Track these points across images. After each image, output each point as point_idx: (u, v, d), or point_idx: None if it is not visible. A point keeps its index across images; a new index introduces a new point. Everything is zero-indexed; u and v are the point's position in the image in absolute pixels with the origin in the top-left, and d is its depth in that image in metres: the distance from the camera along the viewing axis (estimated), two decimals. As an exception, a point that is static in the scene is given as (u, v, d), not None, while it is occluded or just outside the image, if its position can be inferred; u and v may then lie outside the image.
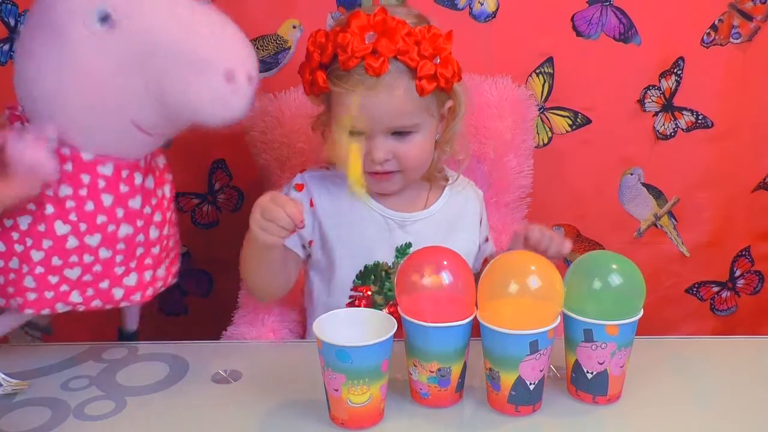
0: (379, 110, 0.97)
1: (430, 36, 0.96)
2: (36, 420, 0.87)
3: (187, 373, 0.97)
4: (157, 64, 0.82)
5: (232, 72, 0.83)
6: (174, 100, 0.84)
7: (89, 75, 0.83)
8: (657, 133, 1.44)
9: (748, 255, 1.54)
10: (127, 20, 0.81)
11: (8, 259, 0.87)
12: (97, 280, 0.91)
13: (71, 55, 0.82)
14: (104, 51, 0.82)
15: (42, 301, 0.89)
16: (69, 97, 0.84)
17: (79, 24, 0.81)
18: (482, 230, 1.15)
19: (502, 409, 0.87)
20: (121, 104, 0.84)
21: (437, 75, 0.96)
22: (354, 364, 0.81)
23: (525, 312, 0.83)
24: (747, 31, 1.38)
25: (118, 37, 0.82)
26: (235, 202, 1.47)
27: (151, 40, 0.82)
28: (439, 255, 0.89)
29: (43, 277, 0.88)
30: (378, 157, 0.99)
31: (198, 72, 0.82)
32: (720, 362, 0.99)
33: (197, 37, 0.83)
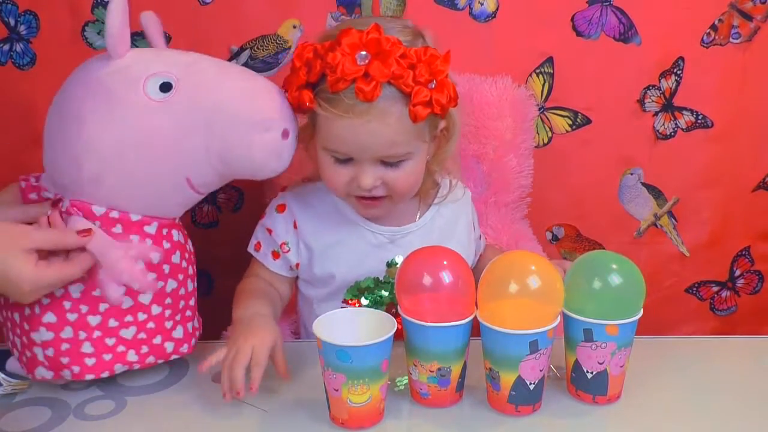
0: (369, 139, 0.91)
1: (427, 58, 0.89)
2: (36, 420, 0.87)
3: (187, 373, 0.97)
4: (220, 126, 0.87)
5: (288, 130, 0.90)
6: (236, 157, 0.89)
7: (151, 140, 0.86)
8: (657, 133, 1.44)
9: (748, 255, 1.54)
10: (187, 87, 0.87)
11: (60, 330, 0.87)
12: (151, 336, 0.93)
13: (132, 121, 0.86)
14: (166, 117, 0.86)
15: (101, 365, 0.90)
16: (128, 162, 0.86)
17: (140, 92, 0.86)
18: (475, 233, 1.14)
19: (502, 408, 0.87)
20: (180, 165, 0.88)
21: (432, 101, 0.90)
22: (354, 364, 0.81)
23: (525, 312, 0.83)
24: (747, 31, 1.38)
25: (179, 102, 0.86)
26: (235, 202, 1.46)
27: (212, 105, 0.87)
28: (439, 255, 0.89)
29: (100, 341, 0.89)
30: (366, 184, 0.94)
31: (262, 131, 0.88)
32: (720, 362, 0.99)
33: (259, 99, 0.90)
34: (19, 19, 1.33)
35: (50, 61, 1.33)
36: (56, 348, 0.88)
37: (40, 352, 0.88)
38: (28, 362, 0.89)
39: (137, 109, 0.85)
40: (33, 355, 0.88)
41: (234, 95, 0.88)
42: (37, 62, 1.34)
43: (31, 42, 1.34)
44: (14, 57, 1.35)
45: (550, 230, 1.50)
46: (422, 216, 1.07)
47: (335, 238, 1.03)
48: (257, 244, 1.08)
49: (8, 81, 1.34)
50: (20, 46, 1.34)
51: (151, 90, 0.86)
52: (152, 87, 0.86)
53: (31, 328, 0.87)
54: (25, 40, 1.34)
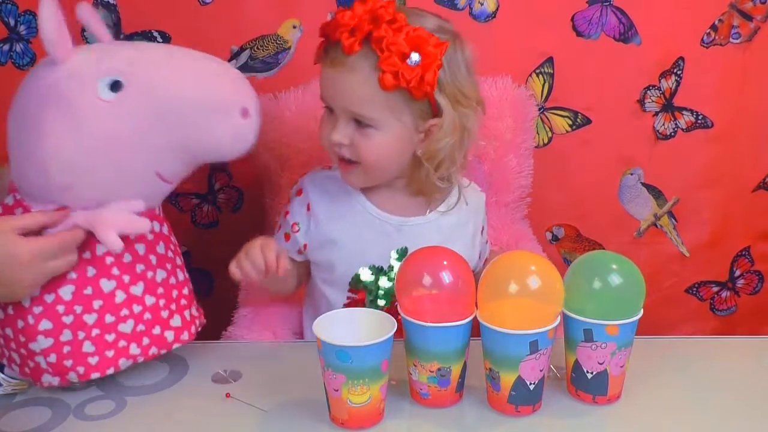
0: (339, 89, 0.95)
1: (415, 34, 0.91)
2: (36, 420, 0.87)
3: (187, 373, 0.97)
4: (177, 116, 0.87)
5: (246, 109, 0.90)
6: (199, 144, 0.89)
7: (113, 143, 0.86)
8: (657, 133, 1.44)
9: (748, 255, 1.55)
10: (137, 82, 0.86)
11: (58, 334, 0.87)
12: (150, 327, 0.93)
13: (91, 125, 0.85)
14: (122, 117, 0.86)
15: (105, 362, 0.90)
16: (95, 165, 0.86)
17: (91, 95, 0.85)
18: (483, 237, 1.14)
19: (502, 409, 0.87)
20: (146, 161, 0.89)
21: (400, 74, 0.90)
22: (354, 364, 0.81)
23: (525, 312, 0.83)
24: (747, 31, 1.38)
25: (132, 100, 0.86)
26: (235, 202, 1.47)
27: (165, 96, 0.87)
28: (439, 255, 0.89)
29: (100, 339, 0.89)
30: (335, 138, 0.97)
31: (220, 114, 0.88)
32: (720, 362, 0.99)
33: (211, 83, 0.90)
34: (19, 19, 1.33)
35: (50, 61, 1.33)
36: (58, 353, 0.87)
37: (43, 360, 0.88)
38: (32, 372, 0.89)
39: (93, 114, 0.85)
40: (36, 364, 0.88)
41: (185, 84, 0.88)
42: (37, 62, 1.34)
43: (31, 42, 1.34)
44: (14, 57, 1.35)
45: (550, 230, 1.50)
46: (432, 212, 1.07)
47: (344, 223, 1.05)
48: (278, 226, 1.11)
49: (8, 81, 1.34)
50: (20, 46, 1.34)
51: (102, 91, 0.85)
52: (102, 88, 0.85)
53: (29, 339, 0.87)
54: (25, 40, 1.34)
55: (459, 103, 0.96)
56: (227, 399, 0.90)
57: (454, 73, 0.96)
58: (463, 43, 0.99)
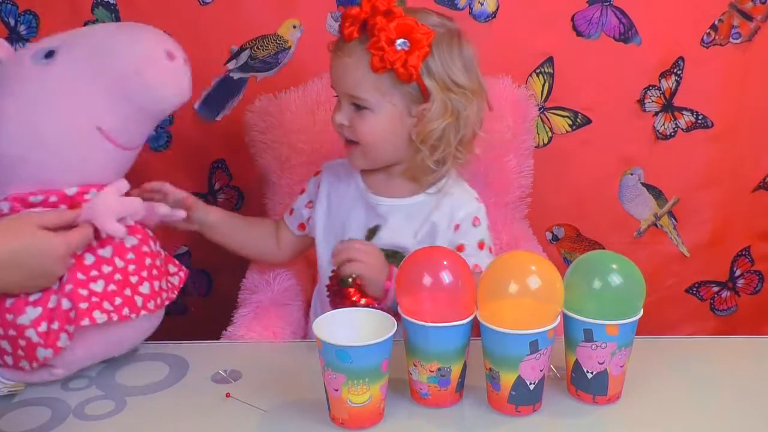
0: (339, 73, 1.03)
1: (407, 23, 0.97)
2: (36, 420, 0.87)
3: (187, 373, 0.97)
4: (107, 63, 0.93)
5: (171, 52, 0.96)
6: (134, 89, 0.94)
7: (50, 99, 0.93)
8: (657, 133, 1.44)
9: (748, 255, 1.55)
10: (68, 46, 0.95)
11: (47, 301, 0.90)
12: (121, 288, 0.94)
13: (28, 90, 0.93)
14: (57, 73, 0.93)
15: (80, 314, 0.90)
16: (38, 127, 0.92)
17: (27, 64, 0.94)
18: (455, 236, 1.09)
19: (502, 408, 0.87)
20: (85, 114, 0.93)
21: (385, 57, 0.97)
22: (354, 364, 0.81)
23: (525, 312, 0.83)
24: (747, 31, 1.38)
25: (65, 59, 0.94)
26: (235, 202, 1.47)
27: (94, 49, 0.94)
28: (439, 255, 0.89)
29: (74, 293, 0.90)
30: (336, 117, 1.05)
31: (146, 56, 0.94)
32: (720, 362, 0.99)
33: (134, 31, 0.98)
34: (19, 19, 1.34)
35: (50, 61, 1.33)
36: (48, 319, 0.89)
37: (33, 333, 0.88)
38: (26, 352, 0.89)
39: (29, 79, 0.93)
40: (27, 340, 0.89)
41: (110, 34, 0.97)
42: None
43: (31, 42, 1.34)
44: (14, 57, 1.35)
45: (550, 230, 1.50)
46: (409, 197, 1.09)
47: (340, 198, 1.13)
48: (291, 210, 1.19)
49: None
50: (20, 46, 1.34)
51: (37, 60, 0.94)
52: (38, 59, 0.94)
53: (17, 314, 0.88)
54: (25, 40, 1.34)
55: (449, 89, 1.01)
56: (227, 399, 0.90)
57: (444, 61, 1.01)
58: (462, 39, 1.04)
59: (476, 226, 1.10)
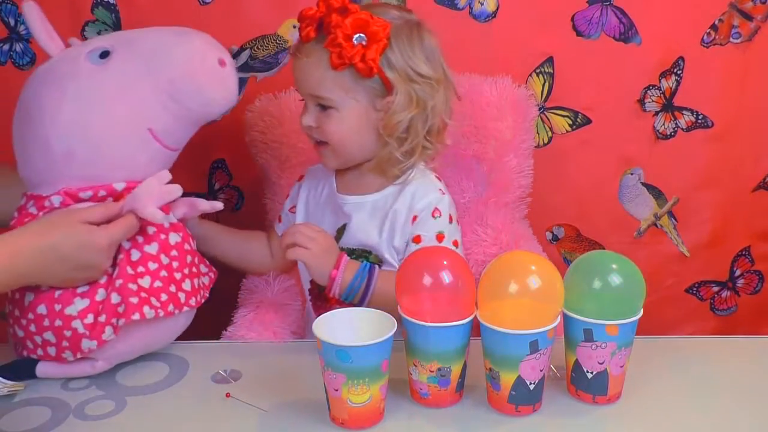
0: (301, 74, 1.04)
1: (361, 18, 0.98)
2: (36, 420, 0.87)
3: (187, 373, 0.97)
4: (160, 66, 0.96)
5: (222, 59, 0.99)
6: (185, 92, 0.97)
7: (105, 99, 0.95)
8: (657, 133, 1.44)
9: (748, 255, 1.54)
10: (122, 48, 0.98)
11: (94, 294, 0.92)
12: (166, 284, 0.96)
13: (83, 88, 0.95)
14: (112, 74, 0.96)
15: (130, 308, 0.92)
16: (90, 122, 0.94)
17: (83, 63, 0.96)
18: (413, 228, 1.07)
19: (502, 408, 0.87)
20: (137, 115, 0.96)
21: (343, 54, 0.97)
22: (354, 364, 0.81)
23: (525, 312, 0.83)
24: (747, 30, 1.38)
25: (119, 60, 0.96)
26: (235, 202, 1.47)
27: (148, 52, 0.97)
28: (439, 255, 0.89)
29: (124, 287, 0.92)
30: (303, 120, 1.05)
31: (199, 61, 0.97)
32: (720, 362, 0.99)
33: (188, 36, 1.00)
34: (19, 19, 1.33)
35: (50, 61, 1.33)
36: (94, 312, 0.91)
37: (80, 324, 0.90)
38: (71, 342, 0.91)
39: (85, 77, 0.95)
40: (73, 331, 0.90)
41: (165, 38, 0.99)
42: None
43: (31, 42, 1.34)
44: (14, 57, 1.35)
45: (550, 230, 1.50)
46: (372, 193, 1.10)
47: (314, 201, 1.16)
48: (279, 217, 1.22)
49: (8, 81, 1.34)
50: (20, 46, 1.34)
51: (94, 60, 0.96)
52: (94, 58, 0.96)
53: (65, 304, 0.90)
54: (24, 40, 1.34)
55: (412, 80, 1.02)
56: (227, 399, 0.90)
57: (404, 52, 1.01)
58: (423, 30, 1.05)
59: (435, 218, 1.07)
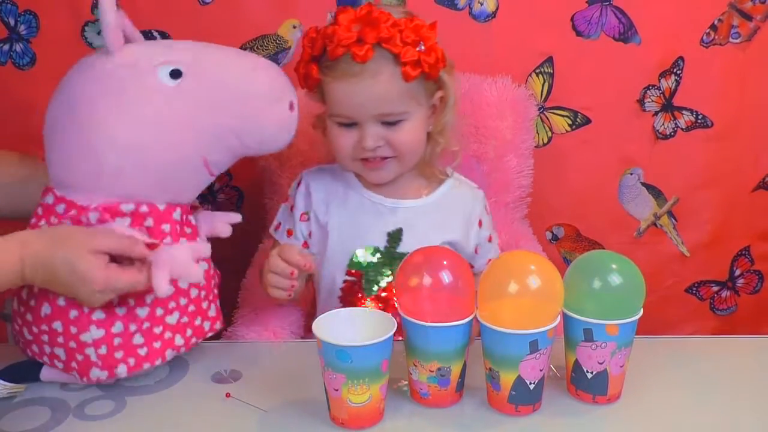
0: (365, 97, 0.98)
1: (413, 25, 0.98)
2: (36, 420, 0.87)
3: (187, 373, 0.97)
4: (231, 102, 0.92)
5: (292, 103, 0.96)
6: (249, 131, 0.94)
7: (168, 125, 0.90)
8: (657, 133, 1.44)
9: (748, 254, 1.55)
10: (195, 71, 0.91)
11: (111, 325, 0.89)
12: (193, 318, 0.96)
13: (148, 110, 0.89)
14: (180, 101, 0.90)
15: (153, 353, 0.91)
16: (148, 151, 0.89)
17: (153, 81, 0.90)
18: (481, 231, 1.14)
19: (502, 408, 0.87)
20: (197, 146, 0.92)
21: (421, 61, 0.97)
22: (354, 364, 0.81)
23: (525, 311, 0.83)
24: (746, 30, 1.38)
25: (190, 85, 0.91)
26: (235, 202, 1.47)
27: (221, 84, 0.92)
28: (439, 255, 0.89)
29: (149, 331, 0.91)
30: (369, 144, 1.00)
31: (271, 103, 0.94)
32: (720, 361, 0.99)
33: (264, 75, 0.96)
34: (19, 19, 1.34)
35: (50, 61, 1.33)
36: (109, 344, 0.88)
37: (93, 352, 0.88)
38: (80, 367, 0.89)
39: (152, 98, 0.89)
40: (85, 357, 0.88)
41: (241, 72, 0.94)
42: (37, 62, 1.35)
43: (31, 42, 1.34)
44: (14, 57, 1.35)
45: (550, 230, 1.50)
46: (428, 195, 1.10)
47: (340, 207, 1.09)
48: (278, 224, 1.14)
49: (8, 81, 1.35)
50: (20, 46, 1.34)
51: (163, 77, 0.90)
52: (164, 75, 0.90)
53: (80, 329, 0.87)
54: (24, 40, 1.34)
55: (449, 72, 1.03)
56: (227, 399, 0.90)
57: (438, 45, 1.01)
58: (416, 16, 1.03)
59: (489, 214, 1.15)
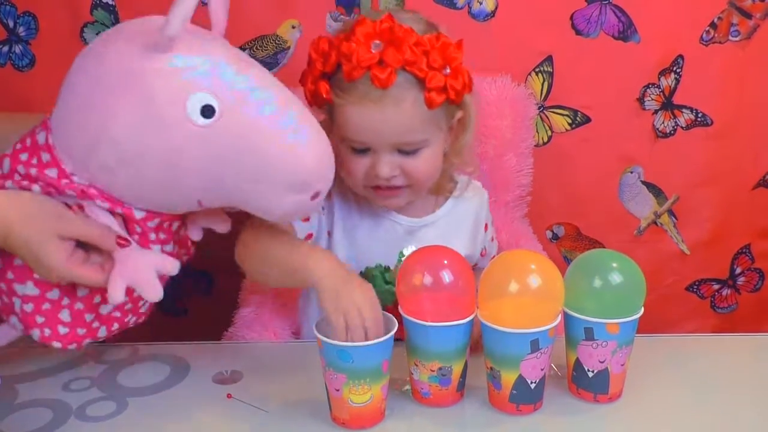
0: (386, 125, 0.91)
1: (440, 45, 0.90)
2: (38, 421, 0.87)
3: (188, 374, 0.97)
4: (254, 172, 0.80)
5: (319, 192, 0.83)
6: (258, 206, 0.84)
7: (179, 160, 0.81)
8: (656, 132, 1.44)
9: (749, 252, 1.55)
10: (231, 119, 0.79)
11: (47, 290, 0.85)
12: (124, 316, 0.91)
13: (165, 137, 0.79)
14: (201, 144, 0.79)
15: (72, 336, 0.87)
16: (147, 169, 0.82)
17: (181, 109, 0.78)
18: (486, 234, 1.14)
19: (503, 408, 0.87)
20: (197, 189, 0.83)
21: (447, 87, 0.90)
22: (355, 364, 0.81)
23: (526, 311, 0.83)
24: (746, 28, 1.38)
25: (219, 134, 0.79)
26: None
27: (252, 148, 0.80)
28: (439, 255, 0.89)
29: (80, 314, 0.86)
30: (383, 173, 0.94)
31: (294, 193, 0.82)
32: (721, 360, 0.99)
33: (303, 159, 0.81)
34: (18, 21, 1.34)
35: (49, 62, 1.33)
36: (36, 306, 0.85)
37: (18, 303, 0.85)
38: (3, 307, 0.87)
39: (174, 128, 0.79)
40: (10, 303, 0.86)
41: (278, 148, 0.80)
42: (36, 64, 1.35)
43: (30, 43, 1.34)
44: (13, 58, 1.35)
45: (550, 229, 1.50)
46: (439, 209, 1.07)
47: (357, 222, 1.04)
48: None
49: (7, 82, 1.35)
50: (19, 48, 1.34)
51: (192, 111, 0.78)
52: (194, 107, 0.78)
53: (17, 278, 0.84)
54: (24, 42, 1.34)
55: (465, 84, 0.94)
56: (228, 399, 0.90)
57: None
58: (439, 27, 0.96)
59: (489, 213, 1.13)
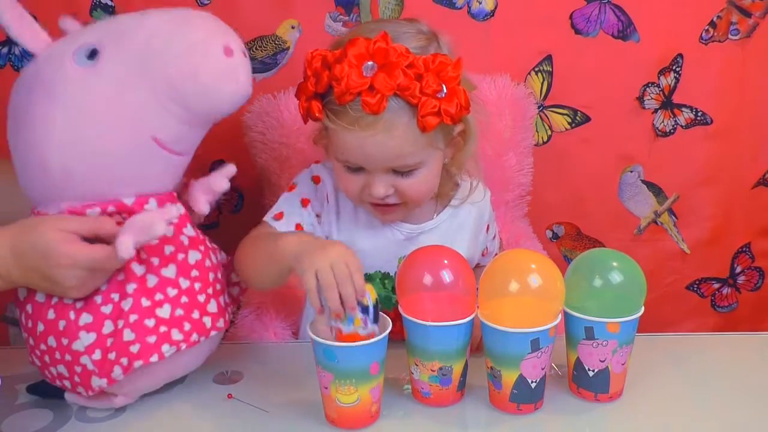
0: (378, 150, 0.90)
1: (436, 66, 0.87)
2: (38, 422, 0.87)
3: (188, 375, 0.97)
4: (156, 65, 0.82)
5: (229, 46, 0.83)
6: (188, 93, 0.83)
7: (99, 108, 0.83)
8: (656, 131, 1.44)
9: (749, 251, 1.54)
10: (111, 43, 0.84)
11: (99, 327, 0.84)
12: (189, 311, 0.88)
13: (74, 97, 0.83)
14: (103, 79, 0.83)
15: (147, 348, 0.84)
16: (88, 141, 0.83)
17: (70, 67, 0.83)
18: (488, 235, 1.13)
19: (503, 407, 0.87)
20: (138, 124, 0.84)
21: (441, 111, 0.87)
22: (341, 364, 0.81)
23: (526, 310, 0.83)
24: (745, 27, 1.38)
25: (110, 60, 0.83)
26: (235, 203, 1.47)
27: (140, 48, 0.83)
28: (439, 255, 0.89)
29: (139, 324, 0.84)
30: (377, 193, 0.93)
31: (200, 55, 0.82)
32: (721, 359, 0.99)
33: (184, 25, 0.84)
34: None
35: (49, 63, 1.33)
36: (101, 347, 0.83)
37: (88, 361, 0.83)
38: (82, 379, 0.84)
39: (74, 84, 0.83)
40: (83, 367, 0.83)
41: (160, 29, 0.84)
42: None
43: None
44: (13, 59, 1.35)
45: (550, 228, 1.50)
46: (439, 215, 1.06)
47: (356, 228, 1.03)
48: (278, 214, 1.03)
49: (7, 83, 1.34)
50: (19, 49, 1.34)
51: (81, 62, 0.83)
52: (80, 59, 0.83)
53: (71, 339, 0.83)
54: (23, 43, 1.34)
55: (461, 107, 0.91)
56: (229, 400, 0.90)
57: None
58: (441, 38, 0.95)
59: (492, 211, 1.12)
